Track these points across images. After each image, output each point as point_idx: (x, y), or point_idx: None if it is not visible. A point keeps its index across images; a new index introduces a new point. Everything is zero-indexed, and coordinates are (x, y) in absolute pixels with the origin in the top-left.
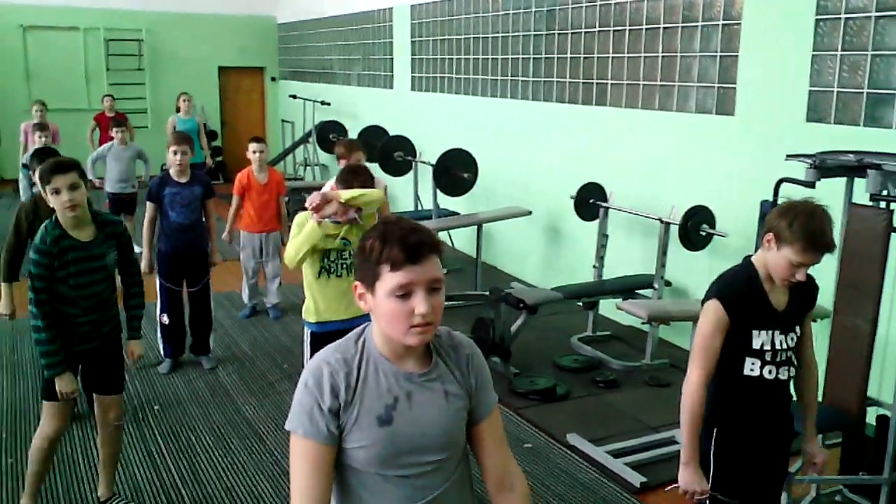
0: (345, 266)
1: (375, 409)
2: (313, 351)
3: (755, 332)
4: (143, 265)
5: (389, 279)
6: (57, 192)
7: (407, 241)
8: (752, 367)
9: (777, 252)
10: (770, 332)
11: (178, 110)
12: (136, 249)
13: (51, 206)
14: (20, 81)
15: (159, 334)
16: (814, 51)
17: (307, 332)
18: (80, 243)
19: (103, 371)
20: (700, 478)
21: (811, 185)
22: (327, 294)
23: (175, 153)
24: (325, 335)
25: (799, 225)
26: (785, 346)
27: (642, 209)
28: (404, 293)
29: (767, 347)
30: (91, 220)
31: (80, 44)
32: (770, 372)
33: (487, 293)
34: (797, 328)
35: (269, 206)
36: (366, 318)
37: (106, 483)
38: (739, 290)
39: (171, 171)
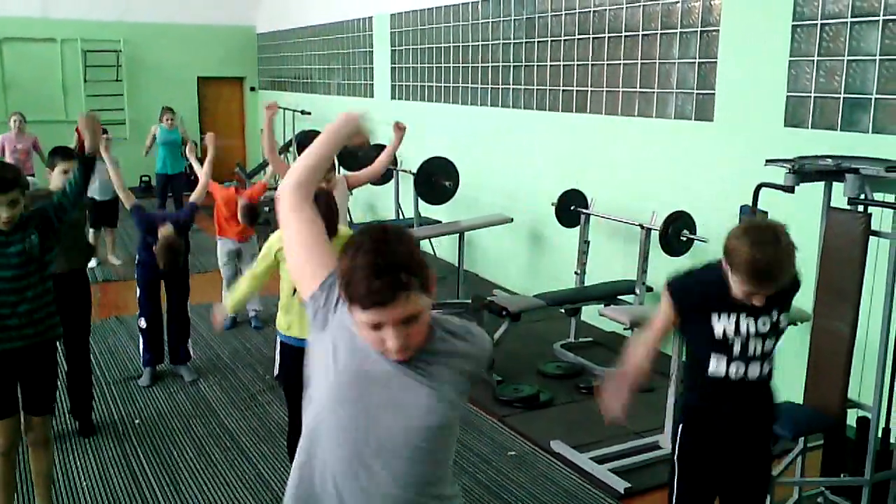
0: None
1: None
2: (283, 359)
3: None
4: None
5: (358, 314)
6: None
7: (371, 285)
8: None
9: (729, 274)
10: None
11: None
12: (94, 264)
13: None
14: None
15: (141, 341)
16: (791, 56)
17: (279, 340)
18: None
19: (29, 383)
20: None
21: (790, 189)
22: (302, 313)
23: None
24: (296, 349)
25: (745, 255)
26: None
27: (623, 215)
28: (376, 327)
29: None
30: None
31: (58, 55)
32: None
33: (470, 301)
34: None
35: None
36: None
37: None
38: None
39: None
